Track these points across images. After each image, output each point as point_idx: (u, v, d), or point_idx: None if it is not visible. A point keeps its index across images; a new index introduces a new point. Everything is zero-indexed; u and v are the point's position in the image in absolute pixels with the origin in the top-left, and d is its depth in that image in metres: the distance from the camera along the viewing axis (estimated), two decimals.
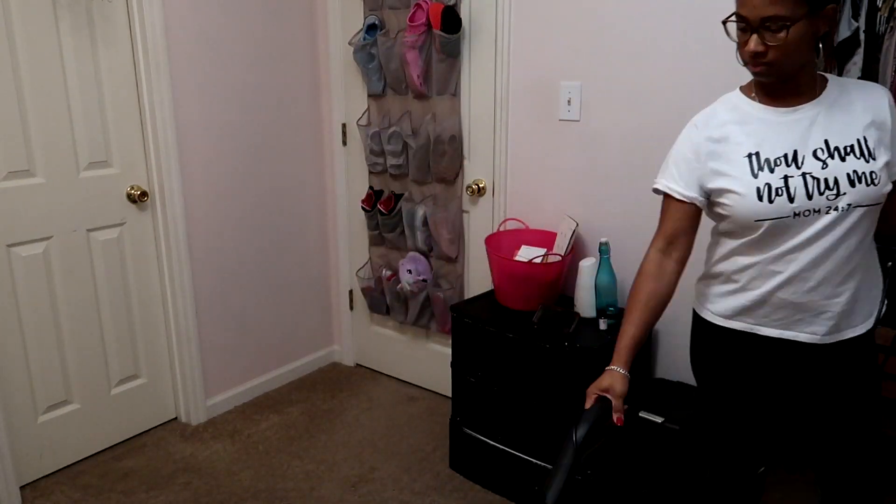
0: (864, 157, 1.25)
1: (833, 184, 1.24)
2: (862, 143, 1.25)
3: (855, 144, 1.25)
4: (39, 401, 2.36)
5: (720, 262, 1.40)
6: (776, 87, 1.28)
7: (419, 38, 2.57)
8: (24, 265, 2.25)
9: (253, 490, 2.36)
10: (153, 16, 2.38)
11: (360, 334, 3.30)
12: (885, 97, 1.28)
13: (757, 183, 1.26)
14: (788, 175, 1.25)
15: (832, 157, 1.25)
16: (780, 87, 1.28)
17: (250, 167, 2.84)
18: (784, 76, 1.25)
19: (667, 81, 2.09)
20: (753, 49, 1.20)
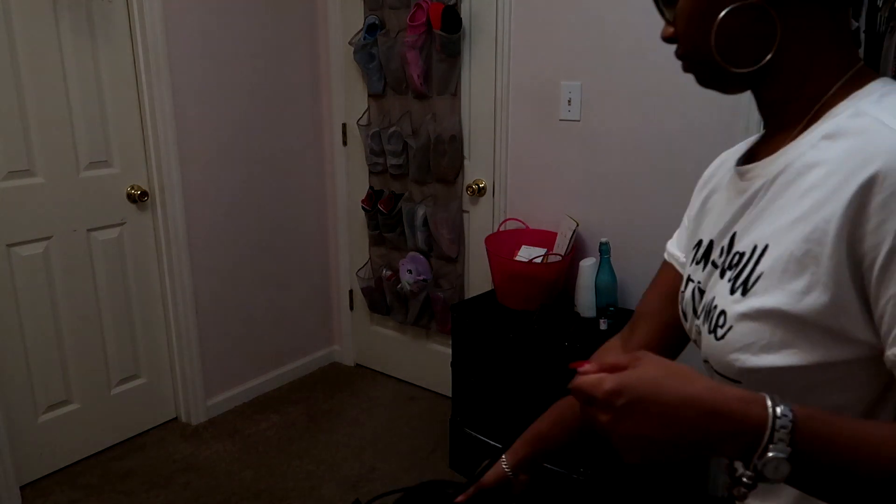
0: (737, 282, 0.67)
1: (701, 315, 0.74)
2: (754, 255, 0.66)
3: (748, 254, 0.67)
4: (39, 401, 2.36)
5: None
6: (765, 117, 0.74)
7: (419, 38, 2.57)
8: (24, 265, 2.25)
9: (253, 490, 2.36)
10: (153, 16, 2.38)
11: (360, 334, 3.30)
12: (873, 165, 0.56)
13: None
14: (690, 278, 0.80)
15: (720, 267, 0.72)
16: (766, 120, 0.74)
17: (250, 167, 2.84)
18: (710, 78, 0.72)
19: (667, 81, 2.09)
20: (662, 35, 0.75)
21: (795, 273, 0.60)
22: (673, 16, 0.72)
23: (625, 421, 0.57)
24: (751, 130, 1.97)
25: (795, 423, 0.53)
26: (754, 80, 0.69)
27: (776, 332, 0.61)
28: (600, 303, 2.19)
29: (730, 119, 2.01)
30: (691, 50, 0.71)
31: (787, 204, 0.64)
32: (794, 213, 0.62)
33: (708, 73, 0.71)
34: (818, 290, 0.58)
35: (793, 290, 0.60)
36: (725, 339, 0.65)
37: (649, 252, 2.24)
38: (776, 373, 0.62)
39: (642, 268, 2.26)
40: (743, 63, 0.67)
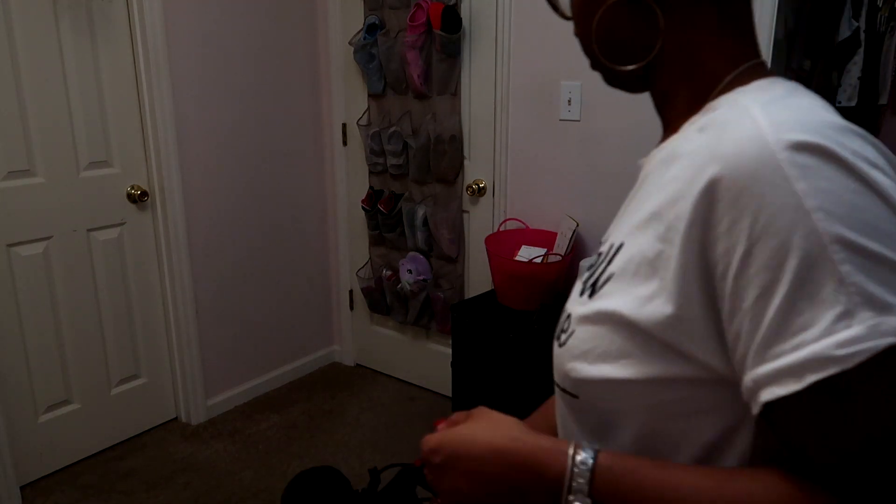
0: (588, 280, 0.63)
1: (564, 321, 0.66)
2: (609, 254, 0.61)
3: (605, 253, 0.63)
4: (40, 401, 2.36)
5: None
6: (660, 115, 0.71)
7: (419, 37, 2.57)
8: (24, 265, 2.25)
9: (253, 490, 2.36)
10: (153, 16, 2.38)
11: (360, 334, 3.30)
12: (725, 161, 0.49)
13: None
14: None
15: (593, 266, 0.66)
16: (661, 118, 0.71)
17: (250, 167, 2.84)
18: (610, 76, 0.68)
19: None
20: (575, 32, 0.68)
21: (646, 276, 0.53)
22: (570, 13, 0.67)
23: (442, 477, 0.58)
24: None
25: (594, 473, 0.51)
26: (648, 77, 0.64)
27: (615, 338, 0.55)
28: None
29: None
30: (586, 49, 0.66)
31: (646, 197, 0.58)
32: (651, 207, 0.55)
33: (604, 72, 0.67)
34: (663, 297, 0.52)
35: (638, 294, 0.54)
36: (566, 344, 0.60)
37: None
38: (611, 386, 0.55)
39: None
40: (627, 60, 0.62)
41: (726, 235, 0.47)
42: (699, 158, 0.51)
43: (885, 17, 2.37)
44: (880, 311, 0.42)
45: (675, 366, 0.52)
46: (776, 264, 0.45)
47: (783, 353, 0.45)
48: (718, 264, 0.48)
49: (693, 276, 0.50)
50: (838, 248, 0.43)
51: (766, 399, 0.46)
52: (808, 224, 0.44)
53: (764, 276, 0.45)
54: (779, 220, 0.45)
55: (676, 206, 0.52)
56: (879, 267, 0.43)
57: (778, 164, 0.45)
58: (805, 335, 0.44)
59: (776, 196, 0.45)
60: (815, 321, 0.44)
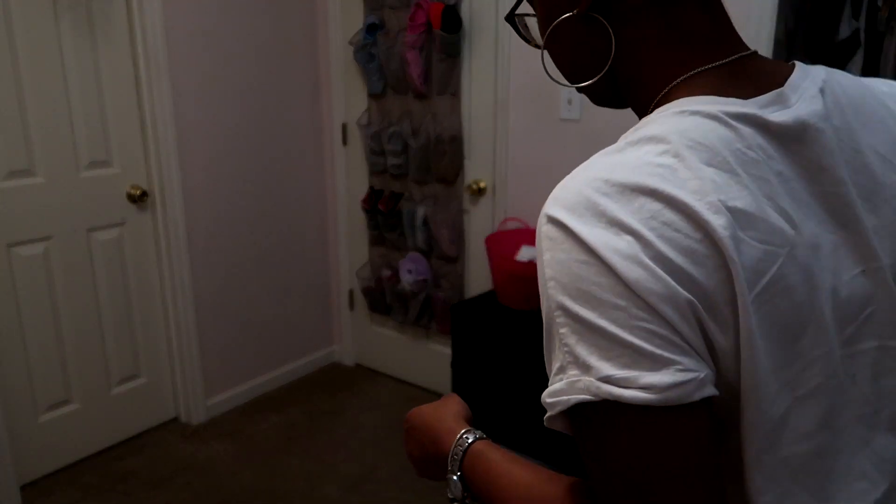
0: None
1: None
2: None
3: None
4: (40, 400, 2.36)
5: None
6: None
7: (419, 37, 2.57)
8: (24, 265, 2.25)
9: (253, 490, 2.36)
10: (153, 16, 2.38)
11: (360, 334, 3.30)
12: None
13: None
14: None
15: None
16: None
17: (250, 167, 2.84)
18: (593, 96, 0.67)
19: None
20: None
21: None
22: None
23: (406, 443, 0.77)
24: None
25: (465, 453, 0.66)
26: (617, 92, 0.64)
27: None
28: None
29: None
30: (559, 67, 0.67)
31: None
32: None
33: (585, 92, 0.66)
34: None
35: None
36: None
37: None
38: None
39: None
40: (589, 76, 0.62)
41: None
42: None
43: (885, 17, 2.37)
44: (584, 371, 0.48)
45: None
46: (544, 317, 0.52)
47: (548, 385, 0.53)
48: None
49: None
50: (560, 313, 0.49)
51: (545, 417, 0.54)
52: (546, 291, 0.50)
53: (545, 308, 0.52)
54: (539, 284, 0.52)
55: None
56: (589, 332, 0.48)
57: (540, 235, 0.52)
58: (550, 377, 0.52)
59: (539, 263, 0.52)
60: (550, 367, 0.52)
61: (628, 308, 0.47)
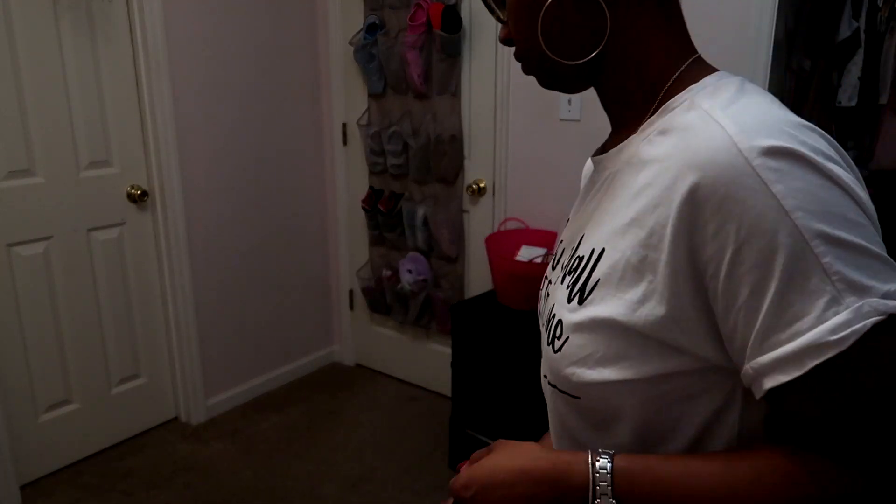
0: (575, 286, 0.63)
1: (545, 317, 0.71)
2: (591, 260, 0.62)
3: (586, 258, 0.63)
4: (40, 400, 2.36)
5: None
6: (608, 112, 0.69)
7: (419, 37, 2.57)
8: (24, 265, 2.25)
9: (253, 490, 2.36)
10: (153, 16, 2.38)
11: (360, 334, 3.30)
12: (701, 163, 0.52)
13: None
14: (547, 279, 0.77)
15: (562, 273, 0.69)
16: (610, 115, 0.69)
17: (250, 167, 2.84)
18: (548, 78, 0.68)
19: None
20: (500, 37, 0.70)
21: (632, 281, 0.57)
22: (505, 15, 0.67)
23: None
24: None
25: (613, 475, 0.55)
26: (592, 74, 0.65)
27: (612, 343, 0.58)
28: None
29: None
30: (526, 48, 0.66)
31: (623, 204, 0.60)
32: (630, 213, 0.58)
33: (545, 71, 0.67)
34: (654, 300, 0.55)
35: (629, 299, 0.57)
36: (562, 351, 0.62)
37: None
38: (612, 387, 0.59)
39: None
40: (574, 55, 0.63)
41: (713, 239, 0.51)
42: (673, 165, 0.54)
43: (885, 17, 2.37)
44: (862, 294, 0.47)
45: (670, 361, 0.56)
46: (765, 262, 0.49)
47: (781, 342, 0.49)
48: (709, 266, 0.52)
49: (683, 278, 0.53)
50: (818, 242, 0.48)
51: (770, 386, 0.51)
52: (789, 223, 0.48)
53: (755, 273, 0.49)
54: (763, 222, 0.49)
55: (657, 213, 0.55)
56: (854, 254, 0.48)
57: (754, 170, 0.49)
58: (800, 324, 0.48)
59: (757, 200, 0.49)
60: (806, 311, 0.48)
61: (868, 226, 0.49)
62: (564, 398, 0.65)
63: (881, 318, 0.47)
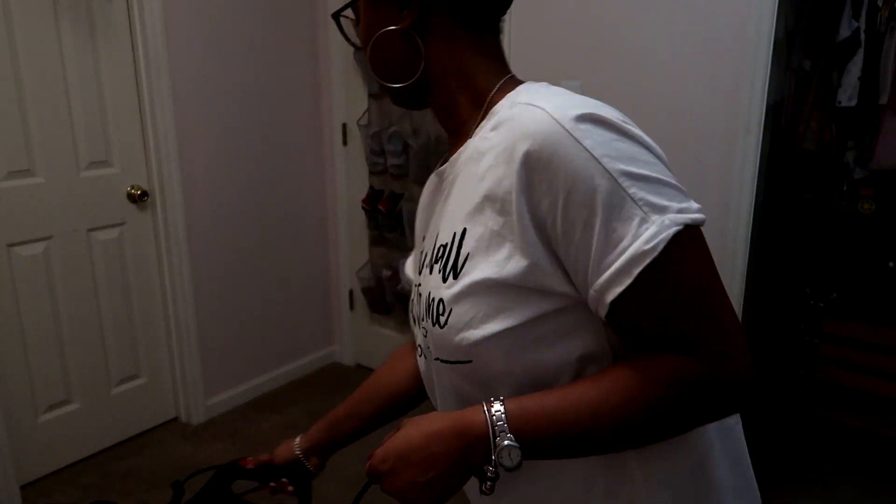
0: (447, 268, 0.71)
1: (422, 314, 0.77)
2: (454, 242, 0.71)
3: (449, 242, 0.72)
4: (40, 400, 2.36)
5: None
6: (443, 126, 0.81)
7: None
8: (24, 265, 2.25)
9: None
10: (153, 16, 2.38)
11: (360, 334, 3.30)
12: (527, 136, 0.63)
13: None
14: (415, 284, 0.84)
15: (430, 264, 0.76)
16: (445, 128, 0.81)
17: (250, 167, 2.84)
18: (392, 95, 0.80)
19: (667, 81, 2.09)
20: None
21: (497, 245, 0.67)
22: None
23: (395, 478, 0.68)
24: (751, 131, 1.97)
25: (507, 415, 0.63)
26: (422, 94, 0.78)
27: (489, 300, 0.67)
28: None
29: (729, 120, 2.01)
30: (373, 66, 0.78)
31: (471, 189, 0.70)
32: (480, 192, 0.68)
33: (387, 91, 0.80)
34: (517, 255, 0.65)
35: (497, 259, 0.66)
36: (448, 323, 0.70)
37: None
38: (498, 338, 0.67)
39: None
40: (400, 80, 0.76)
41: (547, 193, 0.62)
42: (507, 145, 0.65)
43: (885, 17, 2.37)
44: (662, 212, 0.60)
45: (541, 303, 0.66)
46: (589, 202, 0.61)
47: (612, 262, 0.61)
48: (547, 217, 0.63)
49: (532, 232, 0.64)
50: (624, 178, 0.61)
51: (610, 299, 0.62)
52: (600, 168, 0.61)
53: (582, 213, 0.61)
54: (582, 171, 0.61)
55: (503, 185, 0.65)
56: (652, 184, 0.61)
57: (569, 133, 0.61)
58: (623, 244, 0.60)
59: (574, 155, 0.61)
60: (626, 232, 0.60)
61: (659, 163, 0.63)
62: (456, 368, 0.72)
63: (679, 227, 0.60)
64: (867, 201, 2.58)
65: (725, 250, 2.09)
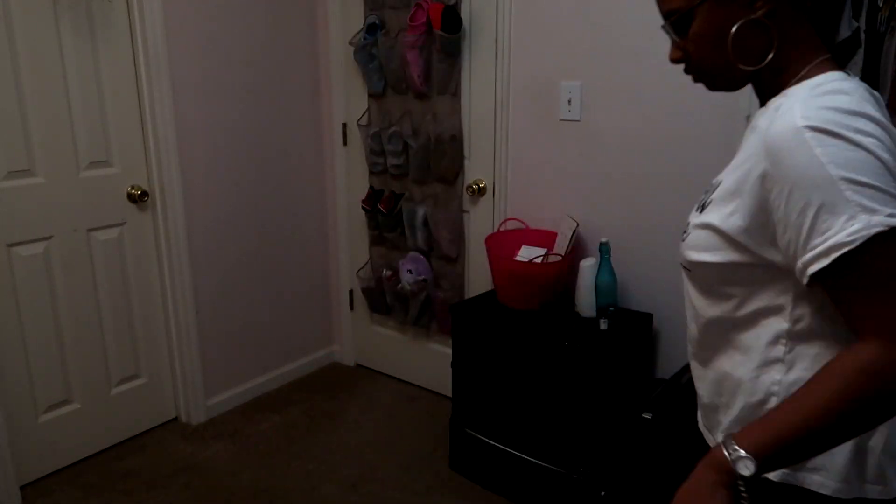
0: (703, 203, 0.96)
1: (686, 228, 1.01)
2: (715, 186, 0.94)
3: (714, 185, 0.95)
4: (40, 400, 2.36)
5: None
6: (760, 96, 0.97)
7: (420, 37, 2.57)
8: (24, 265, 2.25)
9: (253, 490, 2.36)
10: (153, 16, 2.38)
11: (360, 334, 3.30)
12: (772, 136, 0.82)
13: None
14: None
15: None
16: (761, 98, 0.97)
17: (251, 167, 2.84)
18: (721, 83, 0.96)
19: (667, 81, 2.09)
20: (671, 57, 0.97)
21: (729, 201, 0.89)
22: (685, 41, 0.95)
23: None
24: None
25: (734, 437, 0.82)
26: (756, 74, 0.92)
27: (711, 238, 0.91)
28: (600, 303, 2.19)
29: (729, 120, 2.01)
30: (707, 64, 0.94)
31: (741, 152, 0.92)
32: (739, 159, 0.90)
33: (720, 78, 0.95)
34: (738, 215, 0.87)
35: (725, 212, 0.89)
36: (686, 240, 0.97)
37: (649, 252, 2.24)
38: (709, 265, 0.92)
39: (642, 268, 2.26)
40: (751, 62, 0.90)
41: (778, 183, 0.81)
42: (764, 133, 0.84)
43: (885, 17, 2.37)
44: (871, 213, 0.74)
45: (742, 255, 0.88)
46: (809, 195, 0.77)
47: (817, 244, 0.77)
48: (774, 199, 0.81)
49: (758, 205, 0.84)
50: (843, 182, 0.75)
51: (812, 272, 0.78)
52: (825, 172, 0.76)
53: (802, 203, 0.78)
54: (809, 171, 0.77)
55: (749, 162, 0.86)
56: (867, 190, 0.75)
57: (806, 140, 0.78)
58: (829, 233, 0.76)
59: (804, 158, 0.78)
60: (833, 224, 0.76)
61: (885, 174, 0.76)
62: (685, 272, 1.00)
63: (883, 228, 0.73)
64: None
65: None
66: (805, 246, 0.78)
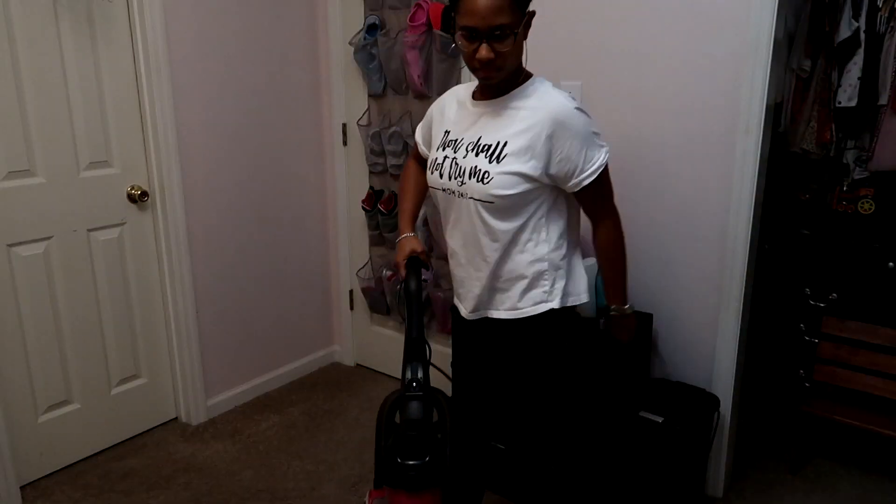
0: (491, 158, 1.45)
1: (461, 173, 1.49)
2: (499, 146, 1.45)
3: (493, 145, 1.46)
4: (40, 401, 2.36)
5: None
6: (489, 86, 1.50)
7: (420, 38, 2.57)
8: (24, 265, 2.25)
9: (253, 490, 2.36)
10: (153, 16, 2.38)
11: (360, 334, 3.30)
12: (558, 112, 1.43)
13: (435, 155, 1.59)
14: (447, 156, 1.55)
15: (472, 151, 1.49)
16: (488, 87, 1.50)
17: (251, 167, 2.84)
18: (507, 77, 1.46)
19: (667, 81, 2.09)
20: (486, 56, 1.38)
21: (527, 154, 1.44)
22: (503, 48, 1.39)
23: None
24: (751, 132, 1.98)
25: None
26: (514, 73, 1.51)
27: (514, 179, 1.44)
28: (600, 303, 2.19)
29: (729, 120, 2.01)
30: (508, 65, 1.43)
31: (511, 123, 1.47)
32: (519, 127, 1.45)
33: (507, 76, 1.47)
34: (534, 161, 1.44)
35: (525, 160, 1.44)
36: (490, 183, 1.45)
37: (650, 252, 2.24)
38: (512, 196, 1.45)
39: (642, 268, 2.26)
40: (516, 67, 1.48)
41: (560, 140, 1.44)
42: (542, 109, 1.45)
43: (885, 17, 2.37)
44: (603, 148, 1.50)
45: (535, 183, 1.46)
46: (580, 142, 1.45)
47: (586, 169, 1.47)
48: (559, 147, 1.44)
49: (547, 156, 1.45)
50: (592, 134, 1.47)
51: (586, 184, 1.47)
52: (586, 129, 1.46)
53: (574, 148, 1.44)
54: (579, 131, 1.45)
55: (535, 128, 1.44)
56: (598, 138, 1.49)
57: (577, 114, 1.45)
58: (591, 163, 1.47)
59: (577, 124, 1.45)
60: (594, 157, 1.47)
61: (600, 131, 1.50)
62: (482, 203, 1.48)
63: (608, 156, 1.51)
64: (867, 201, 2.58)
65: (725, 250, 2.09)
66: (579, 173, 1.45)
